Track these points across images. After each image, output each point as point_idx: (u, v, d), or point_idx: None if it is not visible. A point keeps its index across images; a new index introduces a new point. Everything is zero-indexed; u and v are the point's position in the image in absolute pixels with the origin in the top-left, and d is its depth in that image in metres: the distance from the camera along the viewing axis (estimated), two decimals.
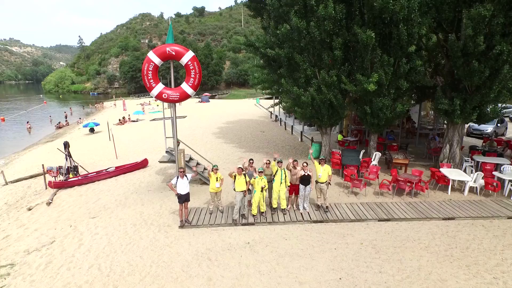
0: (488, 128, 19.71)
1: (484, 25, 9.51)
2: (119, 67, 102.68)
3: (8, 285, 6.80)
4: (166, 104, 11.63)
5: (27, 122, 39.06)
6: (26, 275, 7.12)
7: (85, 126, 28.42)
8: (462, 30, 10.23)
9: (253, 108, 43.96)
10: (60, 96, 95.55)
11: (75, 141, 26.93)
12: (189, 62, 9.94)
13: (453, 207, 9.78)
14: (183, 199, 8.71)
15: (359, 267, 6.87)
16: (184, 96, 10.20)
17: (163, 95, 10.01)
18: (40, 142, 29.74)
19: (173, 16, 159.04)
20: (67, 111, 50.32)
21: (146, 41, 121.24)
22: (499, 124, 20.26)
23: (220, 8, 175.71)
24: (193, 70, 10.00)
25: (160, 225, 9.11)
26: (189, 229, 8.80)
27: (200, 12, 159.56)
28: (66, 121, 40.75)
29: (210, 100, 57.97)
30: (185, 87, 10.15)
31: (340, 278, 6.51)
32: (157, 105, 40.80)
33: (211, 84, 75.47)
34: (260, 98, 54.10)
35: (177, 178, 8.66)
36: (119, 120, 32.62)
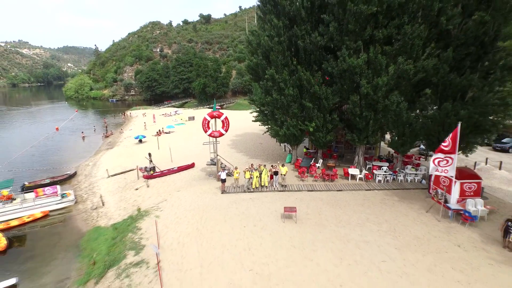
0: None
1: (358, 103, 20.99)
2: (134, 75, 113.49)
3: (164, 211, 18.47)
4: (186, 117, 23.41)
5: (82, 132, 50.47)
6: (167, 208, 18.81)
7: (136, 138, 40.11)
8: None
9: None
10: (84, 103, 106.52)
11: (131, 149, 38.43)
12: (223, 119, 21.58)
13: (344, 186, 21.27)
14: (223, 181, 20.33)
15: (290, 205, 18.32)
16: (221, 135, 21.95)
17: (212, 134, 21.66)
18: (102, 149, 41.07)
19: (181, 24, 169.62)
20: (106, 121, 61.48)
21: (158, 50, 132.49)
22: None
23: (225, 14, 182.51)
24: (226, 123, 21.68)
25: (212, 193, 20.75)
26: (226, 194, 20.44)
27: (206, 19, 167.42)
28: (110, 131, 52.20)
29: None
30: (222, 130, 21.87)
31: (283, 206, 17.99)
32: (181, 119, 52.41)
33: (219, 94, 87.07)
34: None
35: (221, 172, 20.32)
36: (156, 132, 44.34)
